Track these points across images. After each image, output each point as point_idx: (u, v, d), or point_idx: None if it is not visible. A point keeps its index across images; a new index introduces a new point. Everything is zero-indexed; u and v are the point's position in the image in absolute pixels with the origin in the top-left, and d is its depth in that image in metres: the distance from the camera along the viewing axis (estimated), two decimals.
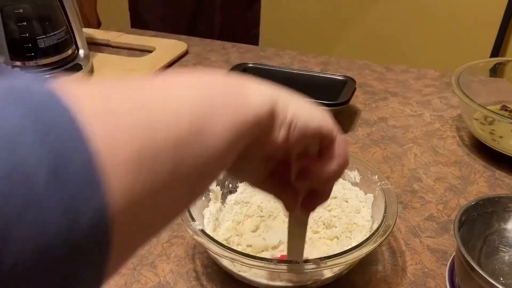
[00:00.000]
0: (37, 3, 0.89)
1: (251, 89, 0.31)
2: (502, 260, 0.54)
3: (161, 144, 0.23)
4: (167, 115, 0.24)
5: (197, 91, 0.27)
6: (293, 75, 0.93)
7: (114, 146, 0.21)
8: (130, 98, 0.24)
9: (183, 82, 0.28)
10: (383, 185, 0.57)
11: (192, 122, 0.25)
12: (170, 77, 0.28)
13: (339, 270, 0.51)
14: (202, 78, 0.29)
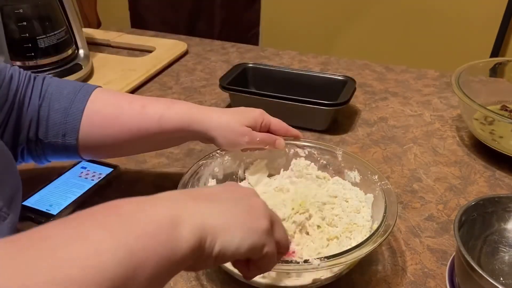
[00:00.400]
0: (37, 3, 0.89)
1: (182, 230, 0.31)
2: (502, 260, 0.54)
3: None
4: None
5: (120, 250, 0.27)
6: (293, 75, 0.93)
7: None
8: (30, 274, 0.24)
9: (101, 243, 0.27)
10: (383, 185, 0.57)
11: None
12: (83, 233, 0.28)
13: (339, 270, 0.51)
14: (126, 228, 0.29)
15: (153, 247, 0.29)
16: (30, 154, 0.58)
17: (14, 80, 0.55)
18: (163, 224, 0.31)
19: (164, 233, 0.30)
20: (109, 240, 0.27)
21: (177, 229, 0.31)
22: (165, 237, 0.30)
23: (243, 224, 0.36)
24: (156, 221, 0.31)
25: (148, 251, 0.29)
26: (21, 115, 0.55)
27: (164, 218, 0.31)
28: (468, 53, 1.69)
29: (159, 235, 0.30)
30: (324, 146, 0.65)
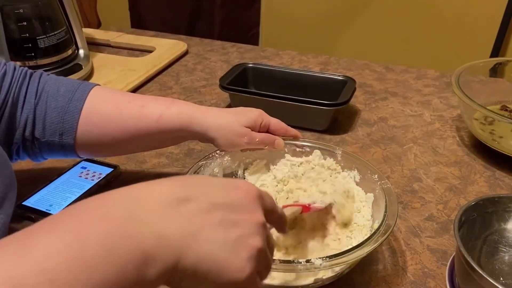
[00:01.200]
0: (37, 3, 0.89)
1: (151, 268, 0.29)
2: (502, 260, 0.54)
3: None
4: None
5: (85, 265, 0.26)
6: (293, 75, 0.93)
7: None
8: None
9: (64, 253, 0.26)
10: (383, 184, 0.57)
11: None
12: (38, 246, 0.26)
13: (340, 270, 0.51)
14: (84, 239, 0.27)
15: (117, 273, 0.27)
16: (26, 152, 0.58)
17: (8, 77, 0.55)
18: (131, 268, 0.28)
19: (133, 276, 0.28)
20: (75, 257, 0.26)
21: (147, 269, 0.29)
22: (133, 279, 0.28)
23: (222, 269, 0.32)
24: (125, 254, 0.28)
25: (112, 274, 0.27)
26: (15, 113, 0.55)
27: (136, 252, 0.28)
28: (468, 53, 1.69)
29: (125, 278, 0.28)
30: (324, 146, 0.65)
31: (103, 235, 0.28)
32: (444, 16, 1.72)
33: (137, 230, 0.29)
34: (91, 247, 0.27)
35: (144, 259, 0.28)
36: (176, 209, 0.31)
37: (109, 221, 0.29)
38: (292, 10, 1.92)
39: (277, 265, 0.46)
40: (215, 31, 1.69)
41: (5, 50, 0.86)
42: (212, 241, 0.31)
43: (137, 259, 0.28)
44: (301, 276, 0.50)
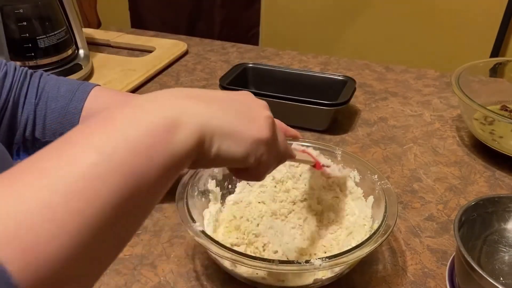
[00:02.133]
0: (37, 3, 0.89)
1: (180, 134, 0.31)
2: (502, 260, 0.54)
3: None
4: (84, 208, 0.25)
5: (116, 174, 0.27)
6: (293, 75, 0.93)
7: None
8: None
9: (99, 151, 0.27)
10: (383, 185, 0.57)
11: (115, 202, 0.26)
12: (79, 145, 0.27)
13: (340, 270, 0.51)
14: (120, 145, 0.28)
15: (151, 159, 0.28)
16: (27, 152, 0.58)
17: (9, 77, 0.55)
18: (159, 132, 0.29)
19: (161, 141, 0.29)
20: (103, 163, 0.26)
21: (174, 133, 0.30)
22: (162, 146, 0.29)
23: (243, 131, 0.35)
24: (152, 130, 0.29)
25: (146, 165, 0.28)
26: (16, 113, 0.55)
27: (160, 125, 0.30)
28: (468, 53, 1.69)
29: (155, 144, 0.29)
30: (324, 146, 0.65)
31: (127, 118, 0.30)
32: (444, 16, 1.72)
33: (155, 107, 0.31)
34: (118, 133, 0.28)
35: (170, 122, 0.30)
36: (189, 99, 0.34)
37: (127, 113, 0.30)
38: (292, 10, 1.92)
39: (276, 265, 0.46)
40: (215, 31, 1.69)
41: (5, 50, 0.86)
42: (228, 111, 0.35)
43: (164, 122, 0.30)
44: (301, 276, 0.50)
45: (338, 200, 0.61)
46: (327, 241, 0.57)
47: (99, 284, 0.53)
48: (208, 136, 0.32)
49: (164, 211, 0.64)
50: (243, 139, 0.35)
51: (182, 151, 0.30)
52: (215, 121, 0.33)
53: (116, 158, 0.27)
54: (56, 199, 0.24)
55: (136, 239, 0.59)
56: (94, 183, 0.25)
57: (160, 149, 0.29)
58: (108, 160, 0.26)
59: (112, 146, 0.27)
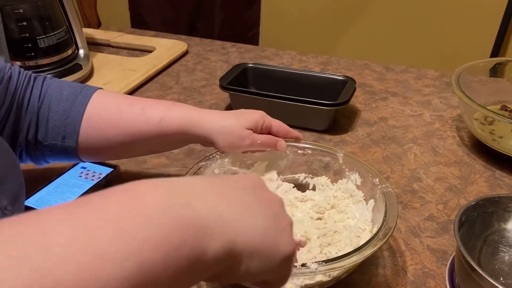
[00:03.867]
0: (37, 3, 0.89)
1: (214, 238, 0.28)
2: (502, 260, 0.54)
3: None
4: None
5: (129, 261, 0.23)
6: (293, 75, 0.93)
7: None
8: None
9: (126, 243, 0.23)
10: (384, 188, 0.56)
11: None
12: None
13: (338, 274, 0.51)
14: (141, 232, 0.24)
15: (172, 257, 0.25)
16: (29, 155, 0.58)
17: (13, 80, 0.55)
18: (189, 233, 0.26)
19: (190, 243, 0.26)
20: (118, 243, 0.23)
21: (205, 240, 0.27)
22: (189, 249, 0.26)
23: (275, 250, 0.33)
24: (181, 228, 0.26)
25: (165, 261, 0.24)
26: (20, 117, 0.55)
27: (192, 225, 0.27)
28: (468, 53, 1.69)
29: (182, 245, 0.26)
30: (325, 148, 0.64)
31: (156, 212, 0.26)
32: (444, 16, 1.72)
33: (191, 203, 0.28)
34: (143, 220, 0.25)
35: (202, 230, 0.27)
36: (218, 194, 0.32)
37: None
38: (292, 10, 1.92)
39: None
40: (215, 31, 1.69)
41: (5, 50, 0.86)
42: (257, 214, 0.33)
43: (196, 230, 0.27)
44: (296, 280, 0.49)
45: (339, 203, 0.61)
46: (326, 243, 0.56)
47: None
48: (238, 251, 0.30)
49: None
50: (275, 257, 0.33)
51: (208, 261, 0.27)
52: (248, 235, 0.31)
53: (133, 242, 0.24)
54: (53, 279, 0.21)
55: None
56: (99, 260, 0.22)
57: (186, 251, 0.26)
58: (125, 241, 0.23)
59: (133, 227, 0.24)
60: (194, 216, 0.28)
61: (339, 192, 0.62)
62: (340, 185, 0.63)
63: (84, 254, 0.22)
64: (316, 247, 0.53)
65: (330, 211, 0.60)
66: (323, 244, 0.53)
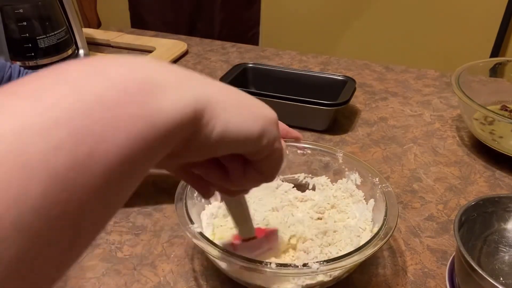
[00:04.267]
0: (37, 3, 0.89)
1: (166, 96, 0.23)
2: (502, 260, 0.54)
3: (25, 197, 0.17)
4: (31, 144, 0.18)
5: (78, 101, 0.20)
6: (293, 75, 0.93)
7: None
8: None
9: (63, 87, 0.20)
10: (384, 188, 0.56)
11: (72, 149, 0.19)
12: (47, 79, 0.21)
13: (339, 274, 0.50)
14: (96, 78, 0.22)
15: (119, 115, 0.21)
16: None
17: (13, 79, 0.55)
18: (133, 90, 0.22)
19: (135, 100, 0.22)
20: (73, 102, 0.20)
21: (157, 95, 0.23)
22: (136, 105, 0.22)
23: (249, 105, 0.29)
24: (125, 86, 0.22)
25: (112, 121, 0.20)
26: None
27: (137, 82, 0.23)
28: (468, 53, 1.69)
29: (127, 102, 0.21)
30: (325, 148, 0.64)
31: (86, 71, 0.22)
32: (444, 16, 1.72)
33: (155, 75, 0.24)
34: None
35: (151, 83, 0.23)
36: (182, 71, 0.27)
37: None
38: (292, 10, 1.92)
39: (274, 269, 0.45)
40: (215, 31, 1.69)
41: (5, 50, 0.86)
42: (232, 92, 0.29)
43: (140, 82, 0.23)
44: (297, 280, 0.49)
45: (339, 202, 0.61)
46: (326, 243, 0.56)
47: (99, 284, 0.53)
48: (208, 107, 0.25)
49: (164, 211, 0.64)
50: (257, 114, 0.29)
51: (165, 120, 0.23)
52: (220, 93, 0.27)
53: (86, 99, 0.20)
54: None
55: (136, 239, 0.60)
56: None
57: (134, 112, 0.21)
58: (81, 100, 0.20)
59: (83, 89, 0.21)
60: (136, 76, 0.23)
61: (339, 192, 0.62)
62: (340, 185, 0.63)
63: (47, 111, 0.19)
64: (316, 247, 0.53)
65: (330, 211, 0.60)
66: (323, 244, 0.53)
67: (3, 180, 0.17)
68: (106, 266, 0.55)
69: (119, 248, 0.58)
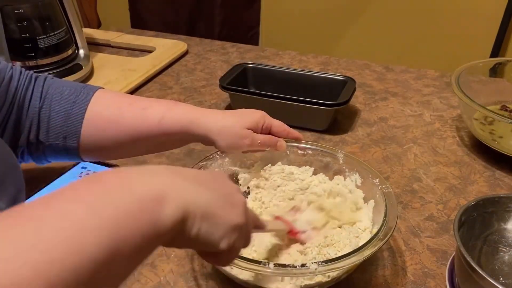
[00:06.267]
0: (37, 3, 0.89)
1: (166, 207, 0.31)
2: (502, 260, 0.54)
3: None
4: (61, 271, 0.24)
5: (103, 230, 0.27)
6: (293, 75, 0.93)
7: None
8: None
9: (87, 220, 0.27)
10: (384, 189, 0.56)
11: (96, 266, 0.25)
12: (62, 206, 0.27)
13: (337, 275, 0.50)
14: (110, 206, 0.28)
15: (137, 225, 0.29)
16: (31, 155, 0.58)
17: (14, 80, 0.55)
18: (147, 201, 0.30)
19: (149, 210, 0.30)
20: (92, 219, 0.27)
21: (162, 205, 0.31)
22: (149, 215, 0.30)
23: (225, 216, 0.36)
24: (141, 199, 0.30)
25: (131, 229, 0.28)
26: (20, 117, 0.55)
27: (149, 195, 0.31)
28: (468, 53, 1.68)
29: (143, 212, 0.30)
30: (326, 149, 0.64)
31: (118, 183, 0.31)
32: (444, 16, 1.72)
33: (146, 178, 0.32)
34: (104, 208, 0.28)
35: (157, 198, 0.31)
36: (174, 172, 0.35)
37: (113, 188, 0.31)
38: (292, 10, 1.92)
39: (272, 269, 0.45)
40: (215, 31, 1.69)
41: (5, 50, 0.86)
42: (213, 192, 0.36)
43: (153, 193, 0.31)
44: (295, 280, 0.49)
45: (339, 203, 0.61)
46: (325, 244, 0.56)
47: None
48: (191, 214, 0.33)
49: None
50: (223, 224, 0.36)
51: (166, 225, 0.31)
52: (200, 201, 0.34)
53: (105, 216, 0.27)
54: (39, 246, 0.24)
55: None
56: (79, 234, 0.26)
57: (147, 218, 0.30)
58: (98, 217, 0.27)
59: (103, 205, 0.28)
60: (150, 188, 0.31)
61: (339, 187, 0.62)
62: (338, 181, 0.63)
63: (66, 230, 0.25)
64: (315, 248, 0.53)
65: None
66: (321, 244, 0.53)
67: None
68: None
69: None
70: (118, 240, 0.27)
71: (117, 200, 0.29)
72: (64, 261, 0.24)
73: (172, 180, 0.34)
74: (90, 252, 0.25)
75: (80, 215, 0.27)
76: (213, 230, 0.35)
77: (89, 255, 0.25)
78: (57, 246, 0.24)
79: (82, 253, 0.25)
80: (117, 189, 0.30)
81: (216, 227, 0.35)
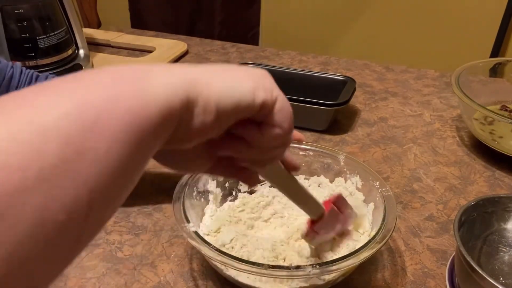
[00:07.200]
0: (37, 3, 0.89)
1: (155, 79, 0.25)
2: (502, 260, 0.54)
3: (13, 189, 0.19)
4: (20, 145, 0.19)
5: (70, 100, 0.22)
6: (293, 75, 0.93)
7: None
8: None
9: (57, 90, 0.23)
10: (384, 192, 0.56)
11: (62, 145, 0.20)
12: (42, 87, 0.23)
13: (333, 278, 0.50)
14: (82, 81, 0.24)
15: (113, 97, 0.23)
16: None
17: (15, 79, 0.55)
18: (125, 77, 0.24)
19: (127, 84, 0.24)
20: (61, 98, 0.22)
21: (147, 84, 0.24)
22: (128, 87, 0.24)
23: (235, 71, 0.30)
24: (116, 76, 0.24)
25: (108, 102, 0.22)
26: None
27: (130, 72, 0.25)
28: (468, 53, 1.69)
29: (120, 85, 0.24)
30: (327, 150, 0.64)
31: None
32: (444, 16, 1.72)
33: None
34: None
35: (143, 73, 0.25)
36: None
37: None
38: (292, 10, 1.92)
39: (265, 270, 0.45)
40: (215, 31, 1.69)
41: (5, 50, 0.86)
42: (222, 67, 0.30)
43: (135, 74, 0.25)
44: (291, 283, 0.49)
45: None
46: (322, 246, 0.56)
47: (99, 284, 0.53)
48: (198, 84, 0.27)
49: (164, 211, 0.64)
50: (244, 74, 0.30)
51: (157, 101, 0.24)
52: (205, 70, 0.28)
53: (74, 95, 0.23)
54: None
55: (136, 239, 0.60)
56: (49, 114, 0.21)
57: (125, 92, 0.23)
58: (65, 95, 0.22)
59: (74, 88, 0.23)
60: (126, 69, 0.25)
61: (340, 189, 0.62)
62: (339, 183, 0.62)
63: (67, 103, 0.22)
64: (312, 250, 0.53)
65: None
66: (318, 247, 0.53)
67: (25, 140, 0.20)
68: (106, 266, 0.55)
69: (119, 248, 0.58)
70: (91, 113, 0.22)
71: (81, 84, 0.24)
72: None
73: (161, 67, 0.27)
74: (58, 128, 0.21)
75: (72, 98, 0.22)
76: (233, 82, 0.28)
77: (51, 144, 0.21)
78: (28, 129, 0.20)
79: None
80: (81, 76, 0.24)
81: (236, 78, 0.29)
